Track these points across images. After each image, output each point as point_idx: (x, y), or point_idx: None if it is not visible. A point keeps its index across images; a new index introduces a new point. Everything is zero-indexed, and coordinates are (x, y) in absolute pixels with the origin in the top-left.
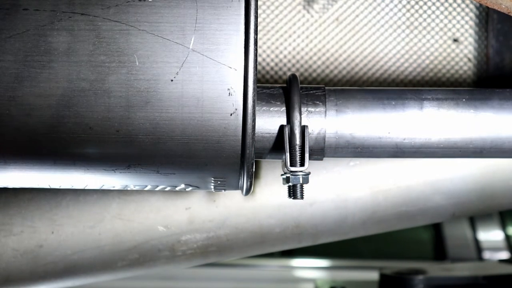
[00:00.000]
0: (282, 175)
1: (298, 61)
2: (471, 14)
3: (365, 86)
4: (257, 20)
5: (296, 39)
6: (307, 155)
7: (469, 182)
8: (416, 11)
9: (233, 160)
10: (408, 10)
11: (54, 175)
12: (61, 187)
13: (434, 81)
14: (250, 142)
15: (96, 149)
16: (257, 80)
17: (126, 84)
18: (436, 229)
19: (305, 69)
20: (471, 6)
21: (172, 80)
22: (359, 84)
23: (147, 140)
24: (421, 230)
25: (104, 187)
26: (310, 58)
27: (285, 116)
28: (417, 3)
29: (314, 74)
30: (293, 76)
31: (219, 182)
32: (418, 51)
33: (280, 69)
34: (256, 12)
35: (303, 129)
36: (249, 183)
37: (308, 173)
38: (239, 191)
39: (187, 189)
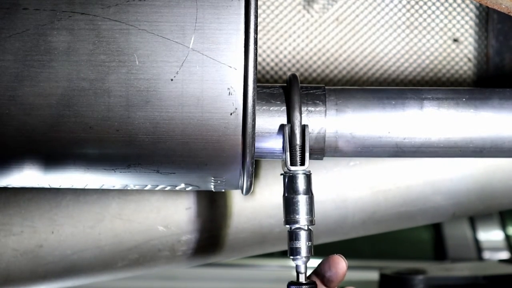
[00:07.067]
0: (282, 174)
1: (298, 61)
2: (471, 14)
3: (365, 86)
4: (257, 20)
5: (296, 39)
6: (307, 155)
7: (469, 182)
8: (416, 11)
9: (233, 159)
10: (408, 10)
11: (54, 175)
12: (61, 187)
13: (434, 81)
14: (250, 141)
15: (96, 149)
16: (257, 80)
17: (126, 84)
18: (436, 229)
19: (305, 69)
20: (471, 6)
21: (172, 80)
22: (359, 84)
23: (147, 140)
24: (421, 230)
25: (104, 187)
26: (310, 58)
27: (285, 116)
28: (417, 3)
29: (314, 74)
30: (293, 76)
31: (219, 182)
32: (418, 51)
33: (280, 69)
34: (256, 12)
35: (303, 128)
36: (249, 182)
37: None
38: (239, 191)
39: (187, 189)
